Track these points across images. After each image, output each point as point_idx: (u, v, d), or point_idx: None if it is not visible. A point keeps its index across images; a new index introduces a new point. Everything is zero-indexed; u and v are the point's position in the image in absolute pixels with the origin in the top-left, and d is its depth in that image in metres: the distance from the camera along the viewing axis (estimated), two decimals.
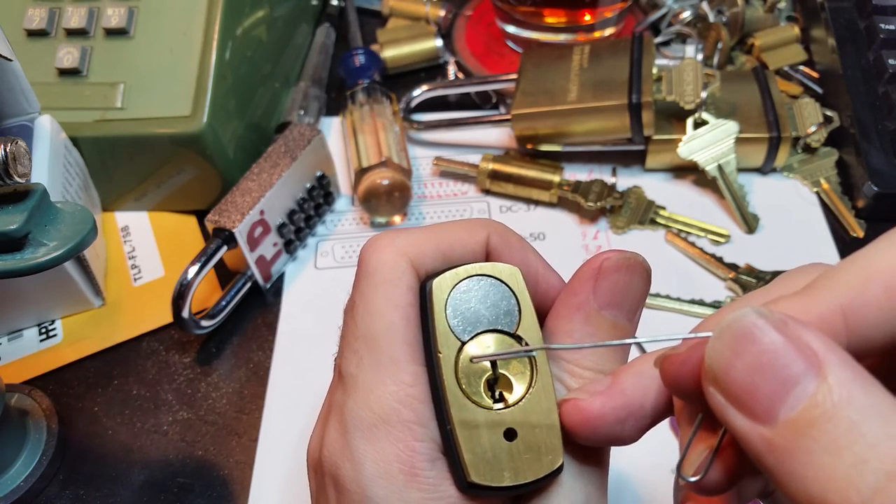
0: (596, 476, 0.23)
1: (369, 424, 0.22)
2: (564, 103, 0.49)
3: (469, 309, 0.23)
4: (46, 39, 0.47)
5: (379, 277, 0.23)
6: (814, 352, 0.16)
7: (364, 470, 0.21)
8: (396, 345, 0.22)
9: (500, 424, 0.22)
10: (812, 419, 0.15)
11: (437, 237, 0.24)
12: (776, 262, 0.45)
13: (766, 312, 0.16)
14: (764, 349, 0.16)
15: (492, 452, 0.21)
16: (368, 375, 0.22)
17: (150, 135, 0.45)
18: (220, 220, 0.42)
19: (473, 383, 0.22)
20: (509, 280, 0.23)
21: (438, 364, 0.22)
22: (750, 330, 0.16)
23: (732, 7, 0.57)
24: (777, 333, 0.16)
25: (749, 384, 0.16)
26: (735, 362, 0.16)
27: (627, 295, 0.24)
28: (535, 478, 0.21)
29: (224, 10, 0.46)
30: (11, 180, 0.29)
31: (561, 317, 0.24)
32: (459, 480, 0.21)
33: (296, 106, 0.53)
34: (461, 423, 0.21)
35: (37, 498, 0.38)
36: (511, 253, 0.25)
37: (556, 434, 0.22)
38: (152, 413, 0.41)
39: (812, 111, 0.51)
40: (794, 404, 0.15)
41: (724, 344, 0.17)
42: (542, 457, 0.21)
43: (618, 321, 0.24)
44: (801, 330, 0.16)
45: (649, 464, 0.38)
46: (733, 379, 0.16)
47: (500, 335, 0.23)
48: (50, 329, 0.44)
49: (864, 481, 0.14)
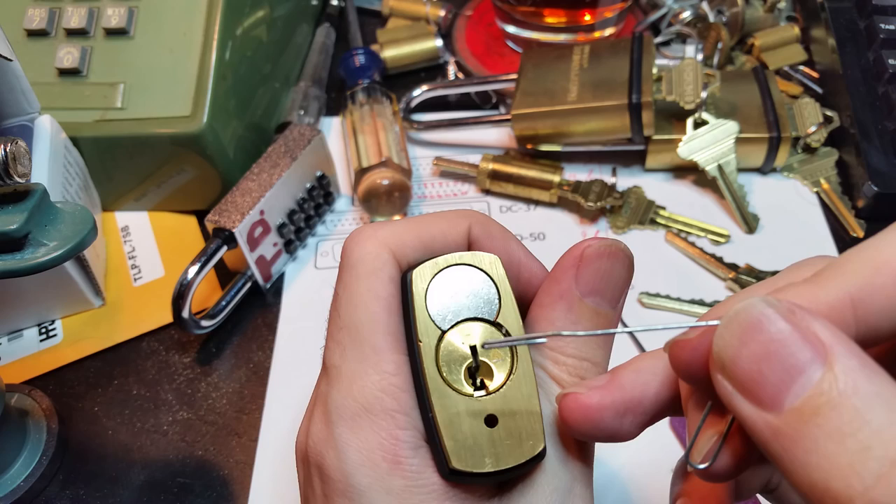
0: (581, 463, 0.23)
1: (352, 414, 0.22)
2: (564, 103, 0.49)
3: (449, 298, 0.23)
4: (46, 39, 0.47)
5: (361, 269, 0.23)
6: (820, 341, 0.16)
7: (347, 459, 0.21)
8: (379, 335, 0.23)
9: (481, 411, 0.22)
10: (817, 407, 0.15)
11: (418, 228, 0.24)
12: (776, 262, 0.45)
13: (773, 301, 0.17)
14: (771, 338, 0.16)
15: (473, 439, 0.21)
16: (351, 366, 0.22)
17: (150, 135, 0.45)
18: (220, 220, 0.42)
19: (454, 371, 0.22)
20: (489, 269, 0.23)
21: (419, 352, 0.22)
22: (757, 319, 0.16)
23: (732, 7, 0.57)
24: (784, 322, 0.16)
25: (756, 372, 0.16)
26: (742, 351, 0.16)
27: (610, 282, 0.24)
28: (517, 463, 0.21)
29: (224, 11, 0.46)
30: (11, 180, 0.29)
31: (544, 305, 0.24)
32: (442, 467, 0.22)
33: (296, 106, 0.53)
34: (442, 410, 0.22)
35: (37, 498, 0.38)
36: (493, 242, 0.25)
37: (537, 420, 0.22)
38: (152, 413, 0.41)
39: (812, 111, 0.51)
40: (799, 392, 0.15)
41: (731, 332, 0.17)
42: (524, 442, 0.22)
43: (601, 308, 0.24)
44: (808, 319, 0.16)
45: (647, 462, 0.38)
46: (740, 367, 0.16)
47: (481, 323, 0.23)
48: (50, 329, 0.44)
49: (866, 468, 0.14)
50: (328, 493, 0.22)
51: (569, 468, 0.23)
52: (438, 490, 0.21)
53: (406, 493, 0.21)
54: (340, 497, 0.21)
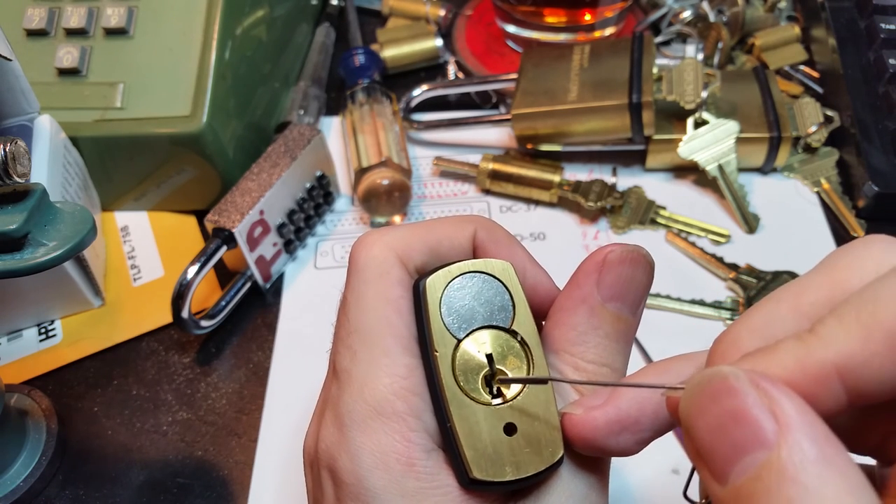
0: (597, 470, 0.23)
1: (364, 417, 0.22)
2: (565, 103, 0.49)
3: (463, 306, 0.23)
4: (46, 39, 0.47)
5: (369, 273, 0.23)
6: (777, 417, 0.15)
7: (361, 462, 0.21)
8: (389, 338, 0.23)
9: (499, 420, 0.22)
10: (753, 490, 0.15)
11: (424, 233, 0.25)
12: (777, 262, 0.45)
13: (738, 374, 0.16)
14: (724, 411, 0.16)
15: (492, 448, 0.22)
16: (362, 369, 0.22)
17: (150, 135, 0.45)
18: (219, 219, 0.42)
19: (471, 380, 0.22)
20: (502, 275, 0.23)
21: (435, 363, 0.22)
22: (716, 389, 0.16)
23: (733, 7, 0.57)
24: (743, 396, 0.16)
25: (708, 442, 0.16)
26: (699, 420, 0.16)
27: (631, 288, 0.24)
28: (537, 471, 0.22)
29: (224, 10, 0.46)
30: (11, 180, 0.29)
31: (565, 309, 0.24)
32: (461, 477, 0.22)
33: (296, 106, 0.53)
34: (461, 420, 0.22)
35: (36, 498, 0.38)
36: (498, 248, 0.25)
37: (555, 426, 0.22)
38: (152, 413, 0.41)
39: (812, 111, 0.51)
40: (743, 470, 0.15)
41: (692, 399, 0.17)
42: (543, 450, 0.22)
43: (622, 314, 0.24)
44: (772, 393, 0.16)
45: (651, 464, 0.38)
46: (696, 435, 0.17)
47: (496, 331, 0.23)
48: (49, 329, 0.44)
49: None
50: (341, 496, 0.22)
51: (584, 475, 0.23)
52: (453, 492, 0.22)
53: (420, 495, 0.21)
54: (353, 500, 0.21)
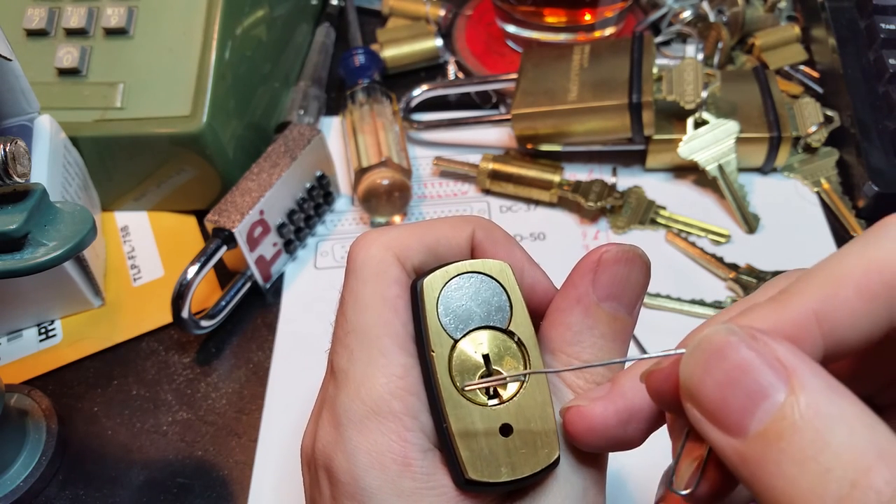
0: (593, 469, 0.23)
1: (361, 417, 0.22)
2: (565, 103, 0.49)
3: (460, 306, 0.23)
4: (46, 39, 0.47)
5: (366, 273, 0.24)
6: (783, 364, 0.16)
7: (357, 461, 0.21)
8: (386, 338, 0.23)
9: (495, 420, 0.22)
10: (779, 431, 0.15)
11: (422, 232, 0.25)
12: (777, 262, 0.45)
13: (735, 328, 0.17)
14: (733, 365, 0.16)
15: (488, 449, 0.22)
16: (359, 369, 0.22)
17: (150, 135, 0.45)
18: (219, 219, 0.42)
19: (467, 380, 0.22)
20: (499, 276, 0.23)
21: (432, 363, 0.22)
22: (719, 346, 0.17)
23: (733, 7, 0.57)
24: (746, 349, 0.16)
25: (720, 399, 0.16)
26: (706, 379, 0.17)
27: (627, 287, 0.24)
28: (533, 472, 0.21)
29: (224, 10, 0.46)
30: (11, 180, 0.29)
31: (561, 309, 0.24)
32: (457, 477, 0.22)
33: (295, 106, 0.53)
34: (457, 420, 0.22)
35: (36, 498, 0.38)
36: (496, 248, 0.25)
37: (551, 428, 0.22)
38: (152, 413, 0.41)
39: (812, 111, 0.51)
40: (762, 417, 0.16)
41: (695, 361, 0.17)
42: (539, 451, 0.22)
43: (618, 314, 0.24)
44: (770, 343, 0.16)
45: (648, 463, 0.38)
46: (705, 395, 0.17)
47: (493, 331, 0.23)
48: (49, 329, 0.44)
49: (828, 491, 0.14)
50: (337, 496, 0.22)
51: (581, 475, 0.23)
52: (448, 492, 0.22)
53: (416, 495, 0.21)
54: (349, 500, 0.22)
